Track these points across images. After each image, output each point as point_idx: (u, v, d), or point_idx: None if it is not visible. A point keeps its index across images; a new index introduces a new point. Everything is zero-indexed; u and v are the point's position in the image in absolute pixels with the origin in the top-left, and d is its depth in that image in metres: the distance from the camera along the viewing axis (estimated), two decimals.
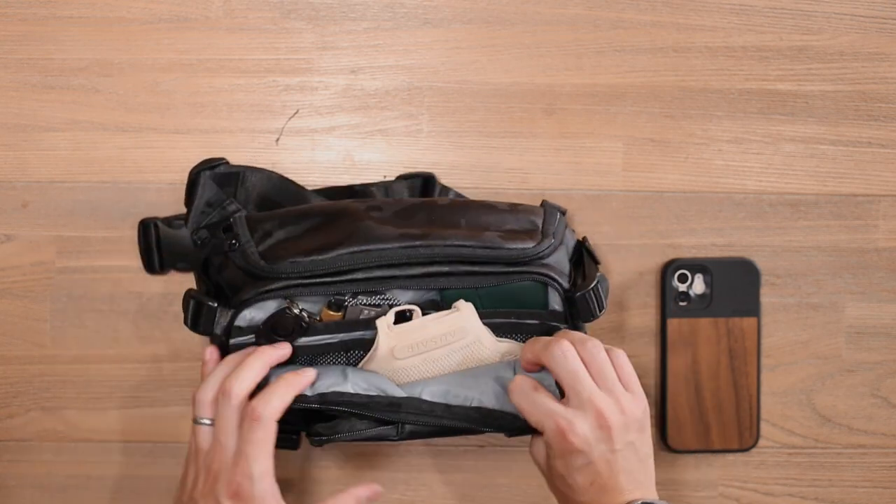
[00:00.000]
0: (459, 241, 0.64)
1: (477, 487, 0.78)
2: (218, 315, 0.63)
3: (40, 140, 0.76)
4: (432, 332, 0.64)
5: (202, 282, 0.69)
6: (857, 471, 0.79)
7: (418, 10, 0.77)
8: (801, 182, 0.79)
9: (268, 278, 0.63)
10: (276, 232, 0.65)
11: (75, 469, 0.76)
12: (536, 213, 0.68)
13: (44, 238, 0.76)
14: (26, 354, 0.76)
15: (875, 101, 0.78)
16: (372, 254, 0.63)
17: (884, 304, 0.79)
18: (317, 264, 0.63)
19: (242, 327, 0.64)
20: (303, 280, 0.63)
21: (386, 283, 0.64)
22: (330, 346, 0.65)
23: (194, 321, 0.64)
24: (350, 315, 0.65)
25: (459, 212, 0.67)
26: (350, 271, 0.63)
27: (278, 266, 0.63)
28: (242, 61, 0.76)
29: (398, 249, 0.63)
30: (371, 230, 0.64)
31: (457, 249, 0.64)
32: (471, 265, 0.64)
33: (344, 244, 0.63)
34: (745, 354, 0.77)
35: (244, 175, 0.73)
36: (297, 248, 0.64)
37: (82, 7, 0.75)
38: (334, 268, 0.63)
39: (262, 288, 0.62)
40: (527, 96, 0.77)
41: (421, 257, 0.64)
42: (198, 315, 0.64)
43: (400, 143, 0.77)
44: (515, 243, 0.65)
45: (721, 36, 0.78)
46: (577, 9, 0.77)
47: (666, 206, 0.78)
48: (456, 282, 0.64)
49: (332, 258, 0.63)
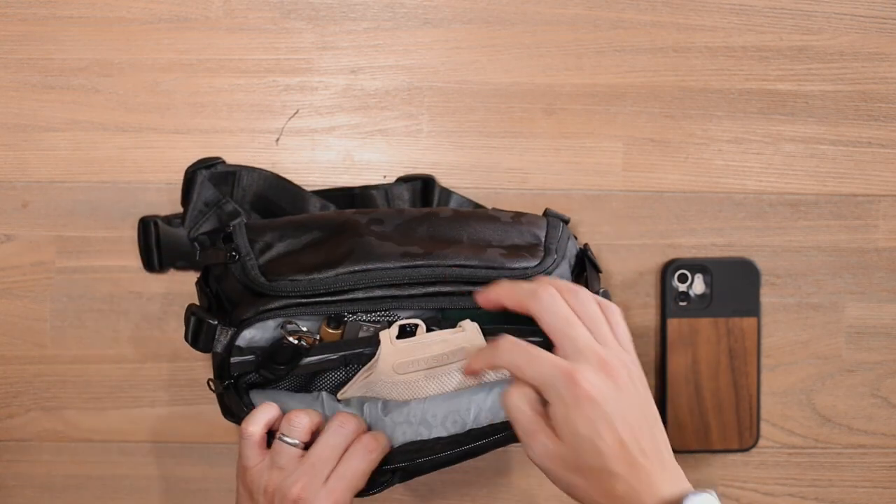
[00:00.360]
0: (461, 260, 0.63)
1: (477, 487, 0.78)
2: (218, 333, 0.63)
3: (40, 140, 0.76)
4: (436, 350, 0.63)
5: (202, 292, 0.68)
6: (857, 471, 0.79)
7: (418, 10, 0.77)
8: (801, 182, 0.79)
9: (267, 296, 0.63)
10: (277, 244, 0.65)
11: (75, 469, 0.76)
12: (539, 225, 0.68)
13: (44, 238, 0.76)
14: (26, 354, 0.76)
15: (875, 101, 0.78)
16: (373, 273, 0.63)
17: (884, 304, 0.79)
18: (316, 283, 0.62)
19: (242, 347, 0.63)
20: (302, 299, 0.62)
21: (387, 302, 0.63)
22: (330, 363, 0.65)
23: (195, 338, 0.64)
24: (350, 331, 0.64)
25: (461, 226, 0.66)
26: (351, 290, 0.63)
27: (278, 284, 0.62)
28: (242, 61, 0.76)
29: (399, 269, 0.63)
30: (372, 248, 0.64)
31: (458, 270, 0.63)
32: (473, 286, 0.63)
33: (345, 263, 0.63)
34: (745, 354, 0.77)
35: (241, 174, 0.73)
36: (298, 264, 0.63)
37: (82, 7, 0.75)
38: (335, 287, 0.62)
39: (261, 307, 0.62)
40: (527, 96, 0.77)
41: (422, 277, 0.63)
42: (198, 332, 0.64)
43: (400, 143, 0.77)
44: (518, 261, 0.64)
45: (721, 36, 0.78)
46: (577, 9, 0.77)
47: (666, 206, 0.78)
48: (457, 301, 0.63)
49: (333, 277, 0.62)
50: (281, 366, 0.63)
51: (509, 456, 0.78)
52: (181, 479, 0.77)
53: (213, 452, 0.77)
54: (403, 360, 0.63)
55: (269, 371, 0.63)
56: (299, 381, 0.67)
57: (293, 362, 0.63)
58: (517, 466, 0.78)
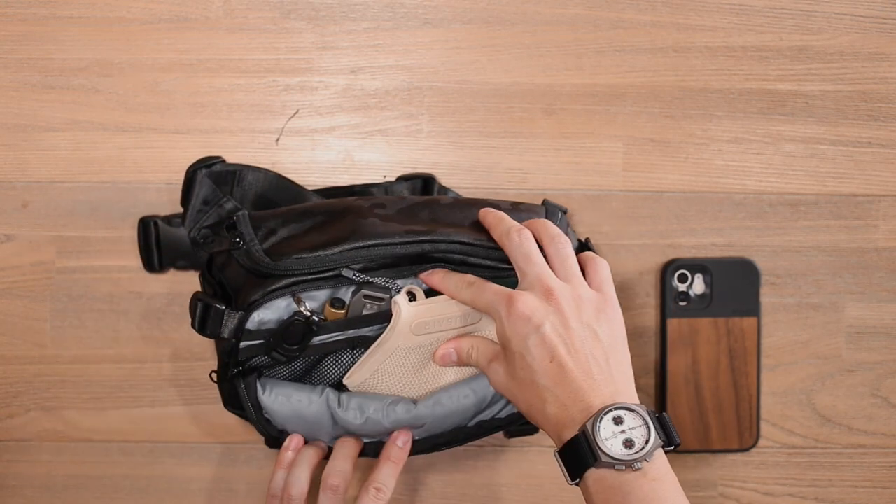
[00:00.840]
0: (463, 237, 0.64)
1: (477, 487, 0.78)
2: (226, 318, 0.63)
3: (40, 140, 0.76)
4: (453, 311, 0.64)
5: (206, 281, 0.69)
6: (857, 471, 0.79)
7: (418, 10, 0.77)
8: (801, 182, 0.79)
9: (273, 276, 0.63)
10: (280, 230, 0.65)
11: (75, 469, 0.76)
12: (538, 213, 0.69)
13: (44, 238, 0.76)
14: (26, 354, 0.76)
15: (875, 101, 0.78)
16: (377, 249, 0.63)
17: (884, 304, 0.79)
18: (322, 260, 0.63)
19: (252, 330, 0.63)
20: (308, 276, 0.63)
21: (391, 275, 0.64)
22: (337, 344, 0.65)
23: (202, 324, 0.64)
24: (354, 310, 0.65)
25: (462, 210, 0.67)
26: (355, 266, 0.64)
27: (283, 263, 0.63)
28: (242, 61, 0.76)
29: (403, 245, 0.64)
30: (375, 226, 0.64)
31: (460, 246, 0.64)
32: (473, 265, 0.64)
33: (349, 240, 0.63)
34: (745, 354, 0.77)
35: (241, 173, 0.73)
36: (302, 244, 0.64)
37: (82, 7, 0.75)
38: (340, 263, 0.63)
39: (268, 287, 0.62)
40: (527, 96, 0.77)
41: (425, 252, 0.64)
42: (205, 318, 0.63)
43: (400, 143, 0.77)
44: None
45: (721, 36, 0.78)
46: (577, 9, 0.77)
47: (666, 206, 0.78)
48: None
49: (338, 253, 0.63)
50: (294, 345, 0.63)
51: (509, 456, 0.78)
52: (181, 479, 0.77)
53: (213, 452, 0.77)
54: (421, 321, 0.64)
55: (280, 352, 0.64)
56: (303, 369, 0.67)
57: (305, 340, 0.64)
58: (517, 467, 0.78)
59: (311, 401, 0.66)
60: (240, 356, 0.64)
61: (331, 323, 0.64)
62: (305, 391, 0.66)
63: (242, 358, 0.64)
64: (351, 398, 0.66)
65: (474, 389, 0.66)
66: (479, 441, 0.77)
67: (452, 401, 0.66)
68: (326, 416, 0.66)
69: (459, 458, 0.78)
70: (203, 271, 0.69)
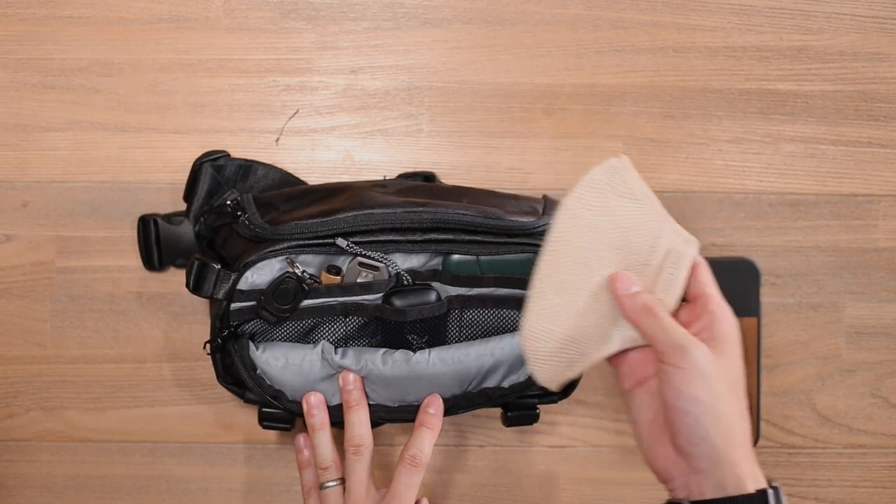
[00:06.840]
0: (462, 210, 0.65)
1: (477, 487, 0.78)
2: (220, 276, 0.63)
3: (40, 140, 0.76)
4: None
5: (207, 256, 0.69)
6: (857, 471, 0.79)
7: (418, 10, 0.77)
8: (801, 182, 0.79)
9: (271, 240, 0.64)
10: (282, 206, 0.67)
11: (75, 469, 0.76)
12: (537, 202, 0.70)
13: (44, 238, 0.76)
14: (26, 354, 0.76)
15: (875, 101, 0.78)
16: (375, 216, 0.64)
17: (884, 304, 0.79)
18: (320, 226, 0.64)
19: (244, 290, 0.64)
20: (306, 241, 0.64)
21: (387, 246, 0.65)
22: (331, 310, 0.65)
23: (197, 283, 0.64)
24: (349, 277, 0.65)
25: (462, 192, 0.68)
26: (352, 234, 0.64)
27: (282, 228, 0.64)
28: (242, 61, 0.76)
29: (401, 213, 0.64)
30: (375, 198, 0.65)
31: (459, 216, 0.65)
32: (472, 233, 0.65)
33: (347, 209, 0.64)
34: (745, 354, 0.77)
35: (247, 168, 0.73)
36: (302, 214, 0.65)
37: (82, 7, 0.75)
38: (338, 228, 0.64)
39: (265, 249, 0.63)
40: (527, 96, 0.77)
41: (423, 222, 0.64)
42: (200, 277, 0.64)
43: (400, 143, 0.77)
44: (516, 217, 0.66)
45: (721, 36, 0.78)
46: (577, 9, 0.77)
47: (666, 206, 0.78)
48: (456, 248, 0.65)
49: (336, 220, 0.64)
50: (284, 305, 0.64)
51: (509, 456, 0.78)
52: (181, 479, 0.77)
53: (213, 452, 0.77)
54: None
55: (270, 311, 0.64)
56: (295, 336, 0.67)
57: (296, 300, 0.64)
58: (517, 467, 0.78)
59: (306, 354, 0.66)
60: (231, 319, 0.64)
61: (323, 286, 0.65)
62: (299, 347, 0.66)
63: (234, 322, 0.64)
64: (347, 350, 0.66)
65: (484, 352, 0.67)
66: (479, 441, 0.77)
67: (455, 359, 0.66)
68: (322, 366, 0.66)
69: (460, 457, 0.78)
70: (204, 247, 0.70)
